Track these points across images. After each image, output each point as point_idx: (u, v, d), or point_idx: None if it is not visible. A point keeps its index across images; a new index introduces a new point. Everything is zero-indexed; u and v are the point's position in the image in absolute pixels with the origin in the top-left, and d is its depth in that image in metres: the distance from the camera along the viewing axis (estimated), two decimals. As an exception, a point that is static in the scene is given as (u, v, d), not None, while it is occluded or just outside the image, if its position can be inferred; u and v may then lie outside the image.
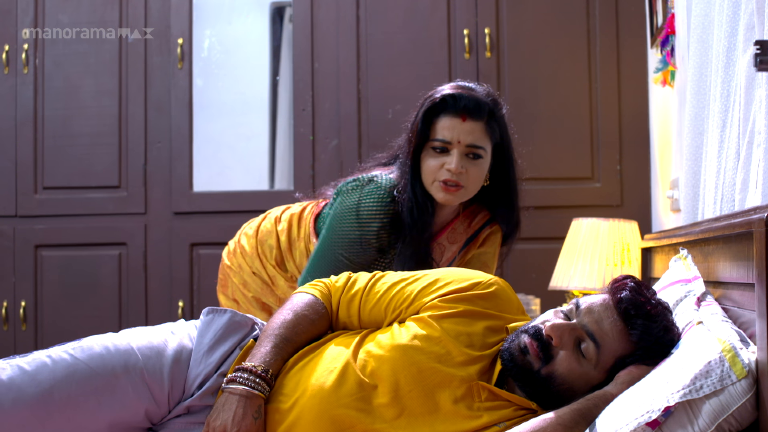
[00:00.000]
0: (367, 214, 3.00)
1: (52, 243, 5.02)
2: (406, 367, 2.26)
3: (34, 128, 5.02)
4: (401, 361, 2.27)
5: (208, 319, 2.48)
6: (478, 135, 2.96)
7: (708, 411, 1.80)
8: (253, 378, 2.29)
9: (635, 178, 4.80)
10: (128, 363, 2.34)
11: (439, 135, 2.94)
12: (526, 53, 4.89)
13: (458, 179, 2.93)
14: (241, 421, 2.23)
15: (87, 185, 5.02)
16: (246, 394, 2.27)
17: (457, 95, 2.96)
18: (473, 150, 2.95)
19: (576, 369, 2.20)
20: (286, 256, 3.26)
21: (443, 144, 2.93)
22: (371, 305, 2.50)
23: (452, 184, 2.94)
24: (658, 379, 1.94)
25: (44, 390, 2.26)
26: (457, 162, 2.91)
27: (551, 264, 4.33)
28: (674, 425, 1.82)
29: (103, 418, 2.30)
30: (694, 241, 2.77)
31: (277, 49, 5.41)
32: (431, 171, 2.95)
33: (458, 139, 2.93)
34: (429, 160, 2.96)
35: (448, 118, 2.94)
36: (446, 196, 2.96)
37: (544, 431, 2.05)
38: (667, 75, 4.01)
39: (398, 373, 2.26)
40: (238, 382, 2.28)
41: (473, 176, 2.97)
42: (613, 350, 2.19)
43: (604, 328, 2.20)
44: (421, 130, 2.97)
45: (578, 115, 4.85)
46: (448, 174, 2.93)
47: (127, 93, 5.02)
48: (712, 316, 2.14)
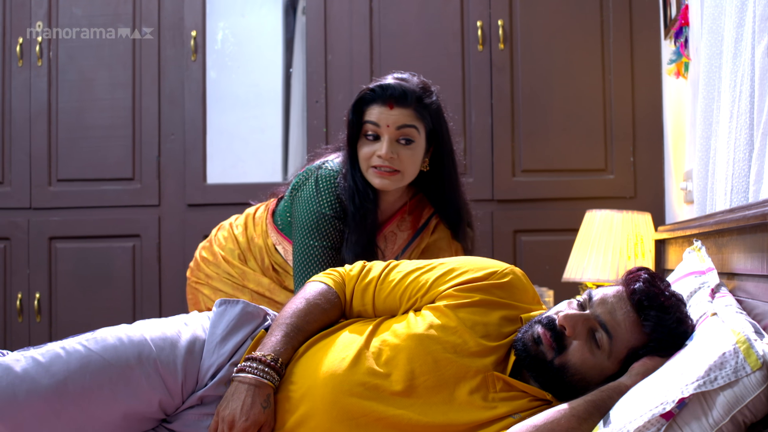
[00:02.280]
0: (326, 192, 3.11)
1: (66, 235, 5.03)
2: (422, 357, 2.27)
3: (48, 121, 5.03)
4: (417, 350, 2.28)
5: (221, 310, 2.49)
6: (406, 119, 3.06)
7: (722, 402, 1.79)
8: (262, 367, 2.30)
9: (649, 170, 4.79)
10: (142, 354, 2.35)
11: (369, 119, 3.06)
12: (540, 45, 4.88)
13: (391, 164, 3.05)
14: (250, 410, 2.24)
15: (101, 177, 5.03)
16: (255, 383, 2.28)
17: (385, 85, 3.08)
18: (403, 133, 3.06)
19: (589, 359, 2.21)
20: (247, 255, 3.35)
21: (374, 130, 3.06)
22: (386, 293, 2.51)
23: (386, 170, 3.06)
24: (673, 371, 1.94)
25: (58, 381, 2.27)
26: (387, 147, 3.03)
27: (565, 256, 4.33)
28: (688, 417, 1.82)
29: (118, 408, 2.31)
30: (708, 232, 2.77)
31: (291, 41, 5.41)
32: (365, 158, 3.08)
33: (387, 124, 3.04)
34: (363, 148, 3.09)
35: (376, 107, 3.06)
36: (382, 181, 3.07)
37: (559, 422, 2.05)
38: (680, 66, 3.99)
39: (413, 362, 2.27)
40: (247, 372, 2.30)
41: (406, 160, 3.07)
42: (626, 341, 2.19)
43: (617, 319, 2.21)
44: (353, 119, 3.10)
45: (592, 107, 4.84)
46: (379, 160, 3.04)
47: (141, 85, 5.02)
48: (726, 308, 2.13)
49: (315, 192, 3.13)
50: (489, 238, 4.81)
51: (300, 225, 3.13)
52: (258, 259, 3.34)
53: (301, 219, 3.13)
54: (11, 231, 5.02)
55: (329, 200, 3.11)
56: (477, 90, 4.88)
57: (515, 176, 4.85)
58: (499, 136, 4.85)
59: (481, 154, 4.85)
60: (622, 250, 4.01)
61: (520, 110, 4.86)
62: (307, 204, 3.13)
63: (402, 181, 3.12)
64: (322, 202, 3.11)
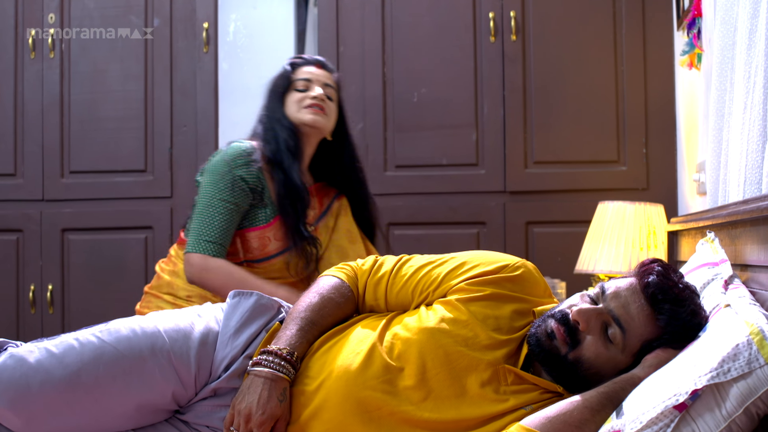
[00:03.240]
0: (237, 158, 3.37)
1: (78, 227, 5.04)
2: (433, 350, 2.27)
3: (60, 113, 5.05)
4: (428, 344, 2.28)
5: (235, 302, 2.50)
6: (328, 79, 3.54)
7: (735, 394, 1.79)
8: (278, 361, 2.30)
9: (661, 162, 4.78)
10: (155, 345, 2.36)
11: (302, 76, 3.50)
12: (552, 36, 4.87)
13: (321, 104, 3.47)
14: (266, 404, 2.24)
15: (113, 169, 5.04)
16: (271, 377, 2.28)
17: (309, 57, 3.60)
18: (327, 91, 3.51)
19: (603, 354, 2.21)
20: (173, 277, 3.54)
21: (305, 84, 3.49)
22: (398, 288, 2.51)
23: (318, 107, 3.47)
24: (686, 363, 1.93)
25: (72, 372, 2.28)
26: (320, 90, 3.48)
27: (577, 247, 4.32)
28: (702, 408, 1.82)
29: (131, 400, 2.32)
30: (722, 224, 2.76)
31: (302, 33, 5.42)
32: (297, 101, 3.48)
33: (317, 78, 3.51)
34: (294, 95, 3.49)
35: (306, 66, 3.54)
36: (315, 117, 3.46)
37: (571, 414, 2.05)
38: (693, 58, 3.98)
39: (425, 355, 2.27)
40: (263, 365, 2.30)
41: (330, 109, 3.51)
42: (639, 334, 2.19)
43: (630, 313, 2.20)
44: (287, 75, 3.52)
45: (604, 99, 4.83)
46: (312, 100, 3.46)
47: (153, 77, 5.03)
48: (740, 299, 2.13)
49: (225, 159, 3.38)
50: (501, 230, 4.81)
51: (206, 181, 3.37)
52: (182, 276, 3.52)
53: (211, 177, 3.37)
54: (24, 223, 5.03)
55: (239, 164, 3.36)
56: (489, 81, 4.87)
57: (527, 168, 4.84)
58: (512, 128, 4.85)
59: (493, 146, 4.84)
60: (634, 241, 4.00)
61: (533, 101, 4.85)
62: (217, 166, 3.38)
63: (328, 124, 3.51)
64: (233, 163, 3.36)
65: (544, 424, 2.04)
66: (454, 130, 4.87)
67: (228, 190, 3.31)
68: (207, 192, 3.34)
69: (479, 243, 4.80)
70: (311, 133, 3.49)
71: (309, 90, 3.47)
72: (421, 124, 4.89)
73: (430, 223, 4.87)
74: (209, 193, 3.33)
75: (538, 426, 2.04)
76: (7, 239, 5.05)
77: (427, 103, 4.90)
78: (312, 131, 3.49)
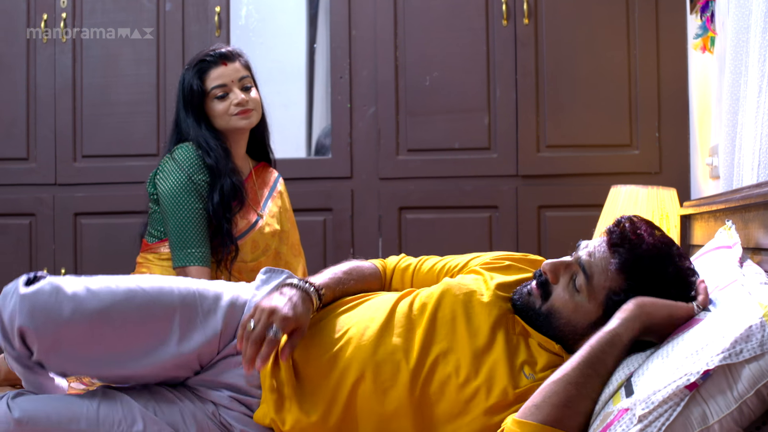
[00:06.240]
0: (188, 160, 3.49)
1: (91, 211, 5.05)
2: (453, 296, 2.39)
3: (72, 97, 5.05)
4: (448, 292, 2.40)
5: (266, 277, 2.62)
6: (240, 70, 3.61)
7: (747, 376, 1.79)
8: (309, 286, 2.40)
9: (674, 146, 4.77)
10: (186, 299, 2.44)
11: (216, 83, 3.56)
12: (564, 19, 4.86)
13: (246, 105, 3.56)
14: (295, 306, 2.32)
15: (126, 153, 5.04)
16: (303, 290, 2.37)
17: (210, 53, 3.60)
18: (243, 83, 3.59)
19: (569, 303, 2.27)
20: None
21: (223, 90, 3.55)
22: (425, 272, 2.66)
23: (244, 111, 3.57)
24: (697, 342, 1.93)
25: (104, 307, 2.35)
26: (241, 94, 3.56)
27: (589, 231, 4.32)
28: (713, 389, 1.82)
29: None
30: (735, 207, 2.76)
31: (314, 17, 5.41)
32: (223, 112, 3.56)
33: (231, 80, 3.57)
34: (216, 106, 3.57)
35: (214, 70, 3.57)
36: (247, 121, 3.58)
37: (557, 395, 2.04)
38: (706, 41, 3.97)
39: (442, 301, 2.38)
40: (296, 283, 2.38)
41: (254, 100, 3.61)
42: (602, 281, 2.24)
43: (594, 260, 2.26)
44: (198, 89, 3.55)
45: (616, 82, 4.82)
46: (238, 108, 3.55)
47: (165, 61, 5.03)
48: (756, 275, 2.14)
49: (177, 164, 3.49)
50: (513, 214, 4.81)
51: (171, 193, 3.47)
52: None
53: (171, 187, 3.48)
54: (36, 207, 5.05)
55: (193, 165, 3.48)
56: (501, 65, 4.86)
57: (540, 152, 4.84)
58: (524, 112, 4.84)
59: (506, 130, 4.84)
60: (647, 225, 4.00)
61: (545, 85, 4.85)
62: (172, 174, 3.49)
63: (257, 117, 3.64)
64: (187, 169, 3.47)
65: (534, 413, 2.03)
66: (467, 114, 4.86)
67: (193, 197, 3.47)
68: (174, 205, 3.47)
69: (491, 227, 4.80)
70: (243, 131, 3.66)
71: (228, 94, 3.57)
72: (434, 108, 4.88)
73: (443, 207, 4.87)
74: (177, 206, 3.46)
75: (529, 416, 2.03)
76: (20, 223, 5.06)
77: (440, 87, 4.90)
78: (244, 130, 3.66)
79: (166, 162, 3.53)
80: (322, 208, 4.92)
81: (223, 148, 3.54)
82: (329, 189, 4.94)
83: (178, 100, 3.64)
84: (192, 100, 3.56)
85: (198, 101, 3.56)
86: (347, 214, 4.92)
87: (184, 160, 3.48)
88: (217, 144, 3.53)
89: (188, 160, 3.49)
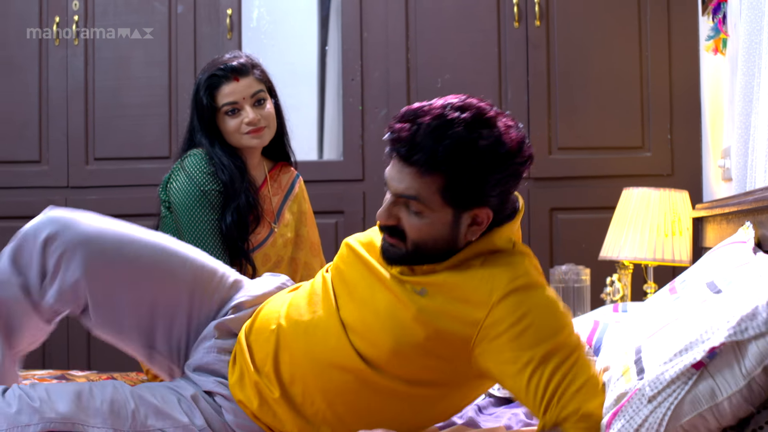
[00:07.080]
0: (199, 171, 3.44)
1: (103, 213, 5.05)
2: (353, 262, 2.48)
3: (84, 100, 5.06)
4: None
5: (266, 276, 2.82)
6: (253, 85, 3.50)
7: (755, 353, 1.80)
8: None
9: (686, 148, 4.77)
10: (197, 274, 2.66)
11: (226, 101, 3.46)
12: (576, 21, 4.85)
13: (258, 124, 3.47)
14: None
15: (138, 156, 5.05)
16: None
17: (222, 66, 3.49)
18: (256, 97, 3.49)
19: (423, 226, 2.29)
20: None
21: (233, 106, 3.46)
22: None
23: (256, 129, 3.48)
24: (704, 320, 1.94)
25: (137, 256, 2.67)
26: (252, 113, 3.46)
27: (601, 234, 4.31)
28: (722, 365, 1.83)
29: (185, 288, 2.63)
30: (747, 210, 2.76)
31: (326, 19, 5.41)
32: (235, 130, 3.48)
33: (242, 97, 3.47)
34: (228, 123, 3.49)
35: (225, 85, 3.47)
36: (259, 140, 3.50)
37: None
38: (718, 43, 3.97)
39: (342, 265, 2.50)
40: None
41: (267, 116, 3.51)
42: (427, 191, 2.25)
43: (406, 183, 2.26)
44: (209, 105, 3.47)
45: (628, 84, 4.82)
46: (249, 126, 3.46)
47: (177, 63, 5.04)
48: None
49: (187, 176, 3.45)
50: (525, 216, 4.80)
51: (185, 207, 3.45)
52: None
53: (184, 201, 3.45)
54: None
55: (204, 176, 3.43)
56: (513, 67, 4.86)
57: (551, 154, 4.83)
58: (536, 114, 4.84)
59: (517, 132, 4.83)
60: (659, 228, 4.00)
61: (557, 87, 4.84)
62: (184, 187, 3.45)
63: (270, 135, 3.55)
64: (198, 180, 3.43)
65: None
66: (478, 116, 4.85)
67: (207, 210, 3.43)
68: (189, 219, 3.45)
69: (503, 229, 4.79)
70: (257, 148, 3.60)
71: (239, 111, 3.48)
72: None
73: (454, 210, 4.86)
74: (192, 220, 3.45)
75: None
76: (33, 225, 5.07)
77: (451, 89, 4.86)
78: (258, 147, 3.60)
79: (178, 172, 3.49)
80: (334, 210, 4.92)
81: (236, 166, 3.47)
82: (341, 191, 4.94)
83: (192, 107, 3.56)
84: (203, 115, 3.49)
85: (209, 116, 3.49)
86: (359, 216, 4.92)
87: (194, 171, 3.44)
88: (230, 162, 3.46)
89: (198, 170, 3.44)
